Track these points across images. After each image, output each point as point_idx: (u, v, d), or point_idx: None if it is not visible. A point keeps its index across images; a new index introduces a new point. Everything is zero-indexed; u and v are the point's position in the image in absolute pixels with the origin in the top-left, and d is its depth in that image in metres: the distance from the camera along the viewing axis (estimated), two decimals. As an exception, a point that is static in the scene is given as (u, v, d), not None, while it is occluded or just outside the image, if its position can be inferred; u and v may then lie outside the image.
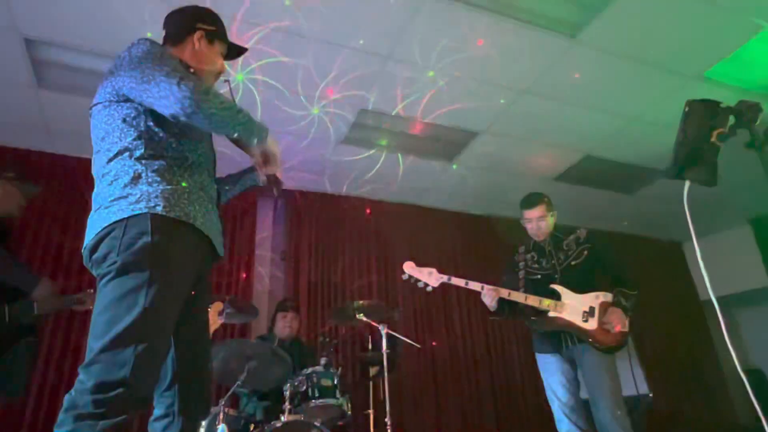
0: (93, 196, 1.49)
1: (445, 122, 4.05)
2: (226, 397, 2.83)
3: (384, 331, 3.30)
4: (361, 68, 3.41)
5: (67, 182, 4.04)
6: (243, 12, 2.90)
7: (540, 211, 2.96)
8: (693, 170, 1.37)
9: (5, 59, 3.15)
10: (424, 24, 3.08)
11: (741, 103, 1.32)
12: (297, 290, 4.58)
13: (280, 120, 3.84)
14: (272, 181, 1.74)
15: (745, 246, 6.29)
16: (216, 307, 2.95)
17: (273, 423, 2.76)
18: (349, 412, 3.10)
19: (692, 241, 1.42)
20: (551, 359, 2.85)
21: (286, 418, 2.81)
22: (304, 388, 2.98)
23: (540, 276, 2.94)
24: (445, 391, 4.76)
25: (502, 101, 3.85)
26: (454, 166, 4.74)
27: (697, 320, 6.45)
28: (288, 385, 2.95)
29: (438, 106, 3.85)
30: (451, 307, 5.16)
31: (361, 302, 3.50)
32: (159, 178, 1.44)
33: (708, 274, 1.43)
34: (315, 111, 3.83)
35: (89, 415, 1.22)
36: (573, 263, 2.89)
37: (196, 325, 1.60)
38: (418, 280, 2.78)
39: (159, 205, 1.40)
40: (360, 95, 3.69)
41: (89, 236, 1.42)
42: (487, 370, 5.05)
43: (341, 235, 4.99)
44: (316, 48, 3.21)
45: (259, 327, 4.25)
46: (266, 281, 4.63)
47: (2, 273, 2.61)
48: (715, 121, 1.34)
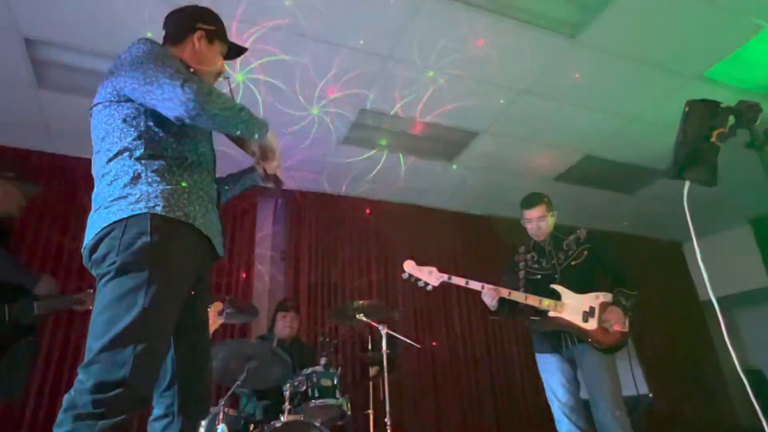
0: (93, 196, 1.49)
1: (445, 122, 4.05)
2: (226, 397, 2.83)
3: (384, 331, 3.30)
4: (361, 68, 3.41)
5: (67, 182, 4.04)
6: (242, 12, 2.90)
7: (540, 211, 2.96)
8: (693, 170, 1.37)
9: (5, 59, 3.15)
10: (425, 24, 3.08)
11: (741, 103, 1.32)
12: (297, 290, 4.58)
13: (280, 120, 3.84)
14: (272, 177, 1.74)
15: (745, 246, 6.29)
16: (216, 307, 2.96)
17: (273, 423, 2.75)
18: (349, 413, 3.10)
19: (692, 241, 1.42)
20: (551, 359, 2.85)
21: (285, 418, 2.81)
22: (304, 388, 2.98)
23: (540, 276, 2.94)
24: (445, 391, 4.76)
25: (502, 101, 3.85)
26: (454, 166, 4.74)
27: (697, 320, 6.45)
28: (288, 385, 2.95)
29: (438, 106, 3.85)
30: (451, 308, 5.16)
31: (361, 302, 3.50)
32: (159, 178, 1.44)
33: (708, 275, 1.43)
34: (315, 111, 3.83)
35: (89, 415, 1.22)
36: (573, 263, 2.89)
37: (195, 325, 1.61)
38: (419, 279, 2.77)
39: (159, 205, 1.40)
40: (360, 95, 3.69)
41: (89, 236, 1.42)
42: (487, 370, 5.05)
43: (341, 235, 4.99)
44: (316, 48, 3.21)
45: (259, 327, 4.25)
46: (266, 281, 4.63)
47: (2, 272, 2.62)
48: (715, 121, 1.34)
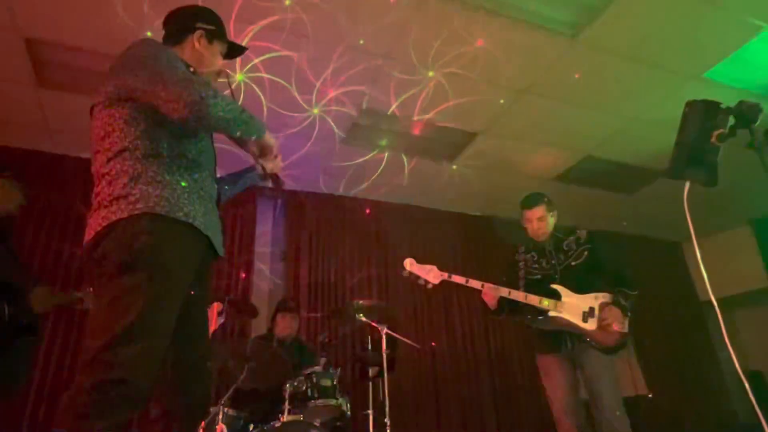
0: (93, 195, 1.48)
1: (445, 122, 4.05)
2: (226, 397, 2.82)
3: (384, 331, 3.30)
4: (361, 69, 3.41)
5: (67, 182, 4.04)
6: (242, 11, 2.90)
7: (540, 211, 2.95)
8: (693, 170, 1.37)
9: (5, 59, 3.15)
10: (425, 24, 3.08)
11: (741, 103, 1.32)
12: (297, 290, 4.58)
13: (280, 120, 3.84)
14: (272, 176, 1.74)
15: (744, 246, 6.29)
16: (215, 307, 2.96)
17: (272, 423, 2.75)
18: (349, 413, 3.10)
19: (692, 241, 1.42)
20: (551, 359, 2.84)
21: (285, 418, 2.81)
22: (304, 388, 2.98)
23: (540, 276, 2.94)
24: (445, 391, 4.76)
25: (502, 101, 3.85)
26: (454, 166, 4.74)
27: (696, 321, 6.44)
28: (287, 386, 2.94)
29: (438, 106, 3.85)
30: (452, 308, 5.16)
31: (361, 302, 3.50)
32: (159, 178, 1.44)
33: (708, 275, 1.43)
34: (315, 111, 3.83)
35: (88, 415, 1.22)
36: (573, 263, 2.88)
37: (195, 325, 1.60)
38: (419, 277, 2.76)
39: (158, 204, 1.40)
40: (360, 96, 3.69)
41: (89, 235, 1.42)
42: (487, 370, 5.05)
43: (341, 235, 4.99)
44: (316, 48, 3.21)
45: (259, 327, 4.24)
46: (266, 281, 4.63)
47: (2, 271, 2.61)
48: (715, 122, 1.34)
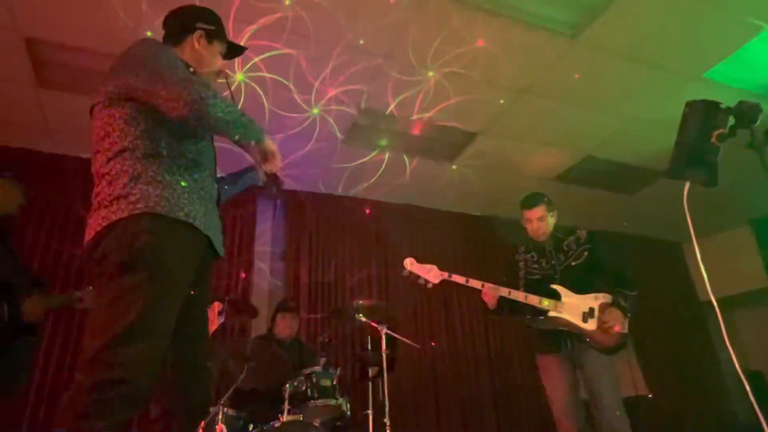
0: (93, 195, 1.48)
1: (445, 122, 4.05)
2: (226, 397, 2.82)
3: (383, 331, 3.30)
4: (361, 68, 3.41)
5: (67, 182, 4.03)
6: (242, 11, 2.90)
7: (540, 211, 2.95)
8: (693, 170, 1.37)
9: (5, 59, 3.15)
10: (425, 24, 3.08)
11: (741, 103, 1.32)
12: (297, 290, 4.58)
13: (280, 120, 3.84)
14: (272, 179, 1.74)
15: (744, 247, 6.29)
16: (215, 307, 2.95)
17: (272, 423, 2.75)
18: (348, 413, 3.10)
19: (692, 241, 1.42)
20: (551, 359, 2.84)
21: (285, 418, 2.81)
22: (304, 388, 2.98)
23: (540, 276, 2.93)
24: (445, 391, 4.75)
25: (502, 101, 3.85)
26: (454, 167, 4.74)
27: (696, 321, 6.44)
28: (287, 386, 2.94)
29: (438, 106, 3.85)
30: (452, 308, 5.16)
31: (361, 302, 3.50)
32: (159, 178, 1.44)
33: (708, 275, 1.43)
34: (315, 111, 3.83)
35: (88, 415, 1.21)
36: (573, 264, 2.88)
37: (195, 325, 1.60)
38: (419, 276, 2.76)
39: (159, 204, 1.40)
40: (360, 96, 3.69)
41: (89, 235, 1.42)
42: (487, 370, 5.05)
43: (341, 235, 4.99)
44: (316, 48, 3.21)
45: (259, 327, 4.24)
46: (266, 281, 4.63)
47: (2, 272, 2.61)
48: (715, 122, 1.34)
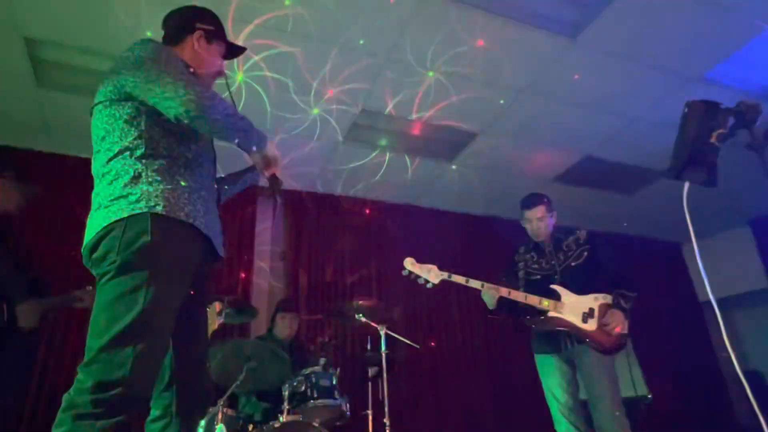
0: (92, 195, 1.48)
1: (445, 122, 4.05)
2: (225, 397, 2.82)
3: (383, 331, 3.30)
4: (361, 69, 3.41)
5: (66, 182, 4.03)
6: (242, 10, 2.90)
7: (540, 211, 2.96)
8: (693, 171, 1.37)
9: (6, 59, 3.14)
10: (425, 24, 3.08)
11: (741, 103, 1.32)
12: (296, 290, 4.58)
13: (280, 120, 3.84)
14: (272, 182, 1.73)
15: (744, 247, 6.29)
16: (215, 308, 2.95)
17: (271, 423, 2.75)
18: (348, 413, 3.10)
19: (692, 242, 1.42)
20: (550, 360, 2.85)
21: (284, 418, 2.80)
22: (303, 388, 2.97)
23: (539, 276, 2.94)
24: (445, 391, 4.76)
25: (502, 102, 3.85)
26: (454, 167, 4.75)
27: (696, 321, 6.44)
28: (287, 386, 2.94)
29: (437, 107, 3.85)
30: (451, 308, 5.16)
31: (361, 303, 3.49)
32: (159, 178, 1.44)
33: (707, 276, 1.43)
34: (315, 111, 3.83)
35: (88, 415, 1.22)
36: (573, 264, 2.88)
37: (194, 325, 1.60)
38: (419, 276, 2.76)
39: (159, 204, 1.40)
40: (360, 96, 3.69)
41: (89, 235, 1.42)
42: (487, 370, 5.05)
43: (341, 235, 4.99)
44: (316, 48, 3.21)
45: (258, 327, 4.24)
46: (265, 281, 4.63)
47: (1, 273, 2.61)
48: (715, 122, 1.34)
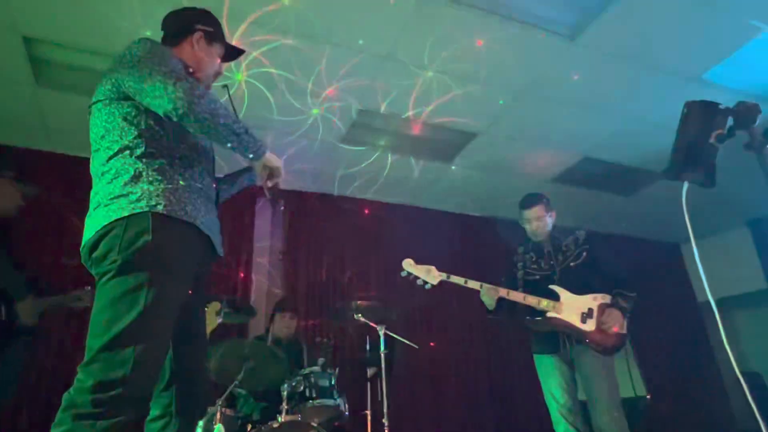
0: (91, 194, 1.48)
1: (444, 123, 4.05)
2: (223, 397, 2.82)
3: (382, 331, 3.30)
4: (361, 69, 3.41)
5: (65, 181, 4.03)
6: (239, 9, 2.90)
7: (539, 211, 2.96)
8: (691, 172, 1.37)
9: (5, 58, 3.14)
10: (424, 24, 3.08)
11: (740, 104, 1.32)
12: (295, 290, 4.58)
13: (280, 120, 3.84)
14: (274, 193, 1.69)
15: (743, 248, 6.30)
16: (214, 307, 2.95)
17: (270, 423, 2.75)
18: (347, 413, 3.10)
19: (691, 242, 1.42)
20: (549, 360, 2.85)
21: (283, 418, 2.80)
22: (302, 388, 2.98)
23: (539, 277, 2.94)
24: (444, 391, 4.76)
25: (501, 102, 3.86)
26: (453, 167, 4.75)
27: (695, 322, 6.45)
28: (285, 386, 2.94)
29: (437, 107, 3.85)
30: (450, 309, 5.16)
31: (360, 303, 3.49)
32: (159, 177, 1.44)
33: (706, 276, 1.43)
34: (314, 111, 3.83)
35: (88, 415, 1.21)
36: (572, 264, 2.89)
37: (193, 325, 1.60)
38: (418, 277, 2.77)
39: (160, 204, 1.40)
40: (359, 96, 3.69)
41: (88, 234, 1.41)
42: (486, 370, 5.05)
43: (340, 235, 4.99)
44: (316, 48, 3.21)
45: (257, 327, 4.24)
46: (264, 281, 4.63)
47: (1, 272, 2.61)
48: (713, 123, 1.34)
